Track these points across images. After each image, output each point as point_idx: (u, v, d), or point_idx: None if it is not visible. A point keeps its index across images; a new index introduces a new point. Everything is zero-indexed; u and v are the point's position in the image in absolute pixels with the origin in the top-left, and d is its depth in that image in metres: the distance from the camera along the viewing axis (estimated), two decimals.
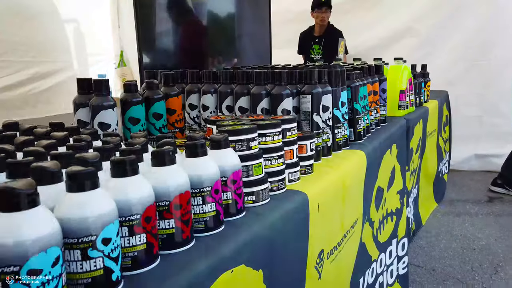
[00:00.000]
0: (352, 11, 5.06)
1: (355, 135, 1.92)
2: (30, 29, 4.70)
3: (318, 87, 1.57)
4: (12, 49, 4.58)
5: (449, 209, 3.58)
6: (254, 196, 1.14)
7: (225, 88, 1.67)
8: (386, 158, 2.11)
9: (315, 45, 4.49)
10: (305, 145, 1.41)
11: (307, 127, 1.58)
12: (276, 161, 1.23)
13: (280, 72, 1.54)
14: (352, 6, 5.04)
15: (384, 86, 2.31)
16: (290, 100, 1.55)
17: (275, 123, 1.23)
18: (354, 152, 1.77)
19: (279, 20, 5.17)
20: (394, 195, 2.28)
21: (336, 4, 4.96)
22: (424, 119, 3.02)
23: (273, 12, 5.31)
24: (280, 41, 4.85)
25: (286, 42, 4.74)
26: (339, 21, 4.62)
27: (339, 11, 4.94)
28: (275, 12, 5.31)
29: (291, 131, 1.32)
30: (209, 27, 3.05)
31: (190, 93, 1.75)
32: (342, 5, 5.03)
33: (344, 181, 1.54)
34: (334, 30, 4.41)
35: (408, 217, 2.62)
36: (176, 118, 1.65)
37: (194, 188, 0.94)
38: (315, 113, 1.57)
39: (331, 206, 1.44)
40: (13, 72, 4.59)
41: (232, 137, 1.12)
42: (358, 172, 1.72)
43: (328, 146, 1.67)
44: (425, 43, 4.75)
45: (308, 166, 1.43)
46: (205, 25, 3.02)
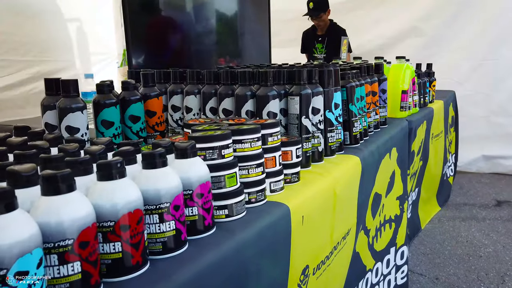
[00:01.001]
0: (356, 10, 4.90)
1: (351, 139, 1.79)
2: (33, 28, 4.63)
3: (307, 88, 1.44)
4: (14, 48, 4.51)
5: (455, 214, 3.42)
6: (227, 210, 1.02)
7: (209, 88, 1.54)
8: (385, 163, 1.97)
9: (318, 44, 4.34)
10: (290, 151, 1.28)
11: (296, 131, 1.44)
12: (255, 170, 1.10)
13: (266, 71, 1.41)
14: (356, 5, 4.89)
15: (384, 87, 2.17)
16: (276, 102, 1.42)
17: (253, 129, 1.10)
18: (348, 157, 1.63)
19: (283, 18, 5.06)
20: (393, 201, 2.14)
21: (340, 3, 4.81)
22: (429, 121, 2.87)
23: (276, 10, 5.19)
24: (284, 40, 4.73)
25: (290, 41, 4.61)
26: (343, 20, 4.47)
27: (343, 10, 4.80)
28: (278, 10, 5.20)
29: (273, 137, 1.19)
30: (206, 26, 2.93)
31: (172, 94, 1.63)
32: (346, 4, 4.88)
33: (335, 189, 1.41)
34: (337, 29, 4.26)
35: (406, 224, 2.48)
36: (156, 120, 1.53)
37: (150, 204, 0.82)
38: (304, 116, 1.43)
39: (318, 217, 1.31)
40: (14, 71, 4.52)
41: (201, 144, 0.99)
42: (352, 179, 1.59)
43: (319, 151, 1.53)
44: (431, 42, 4.58)
45: (294, 174, 1.30)
46: (202, 24, 2.89)
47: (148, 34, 2.41)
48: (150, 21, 2.40)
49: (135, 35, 2.31)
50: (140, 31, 2.37)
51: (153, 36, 2.43)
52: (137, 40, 2.33)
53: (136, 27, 2.31)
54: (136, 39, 2.32)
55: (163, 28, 2.53)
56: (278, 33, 4.99)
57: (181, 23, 2.59)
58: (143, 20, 2.34)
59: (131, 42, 2.27)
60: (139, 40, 2.35)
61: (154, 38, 2.43)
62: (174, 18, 2.59)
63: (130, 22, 2.24)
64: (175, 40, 2.54)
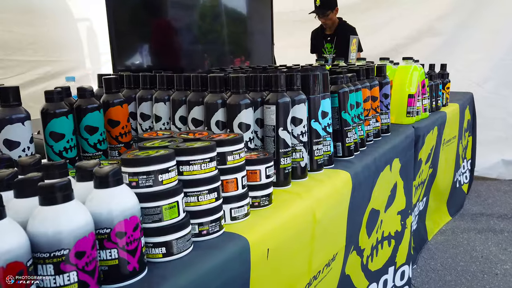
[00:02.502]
0: (370, 9, 4.65)
1: (344, 151, 1.58)
2: (42, 27, 4.54)
3: (285, 96, 1.24)
4: (23, 48, 4.44)
5: (470, 225, 3.16)
6: (165, 248, 0.83)
7: (179, 95, 1.36)
8: (385, 175, 1.76)
9: (327, 44, 4.11)
10: (258, 171, 1.09)
11: (272, 145, 1.25)
12: (206, 196, 0.92)
13: (238, 77, 1.22)
14: (371, 4, 4.63)
15: (386, 91, 1.95)
16: (249, 112, 1.23)
17: (204, 147, 0.91)
18: (336, 173, 1.43)
19: (295, 18, 4.84)
20: (393, 216, 1.92)
21: (353, 3, 4.57)
22: (440, 126, 2.63)
23: (291, 12, 4.99)
24: (299, 41, 4.51)
25: (305, 42, 4.40)
26: (356, 21, 4.21)
27: (356, 10, 4.55)
28: (292, 11, 5.00)
29: (234, 155, 1.00)
30: (200, 25, 2.75)
31: (142, 101, 1.45)
32: (360, 5, 4.63)
33: (315, 213, 1.21)
34: (347, 27, 4.01)
35: (411, 242, 2.25)
36: (120, 131, 1.36)
37: (43, 251, 0.64)
38: (281, 127, 1.24)
39: (291, 247, 1.12)
40: (25, 71, 4.46)
41: (133, 169, 0.81)
42: (340, 198, 1.38)
43: (302, 166, 1.34)
44: (448, 43, 4.29)
45: (264, 197, 1.11)
46: (196, 24, 2.71)
47: (135, 32, 2.24)
48: (137, 18, 2.23)
49: (121, 33, 2.14)
50: (127, 28, 2.20)
51: (140, 34, 2.25)
52: (123, 39, 2.16)
53: (122, 24, 2.14)
54: (122, 37, 2.15)
55: (152, 26, 2.36)
56: (292, 33, 4.79)
57: (173, 22, 2.41)
58: (129, 17, 2.17)
59: (115, 41, 2.10)
60: (126, 39, 2.18)
61: (141, 36, 2.26)
62: (164, 15, 2.41)
63: (114, 17, 2.07)
64: (167, 40, 2.37)
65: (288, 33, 4.58)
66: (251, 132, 1.24)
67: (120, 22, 2.10)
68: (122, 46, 2.14)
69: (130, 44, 2.19)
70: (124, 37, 2.15)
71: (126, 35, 2.16)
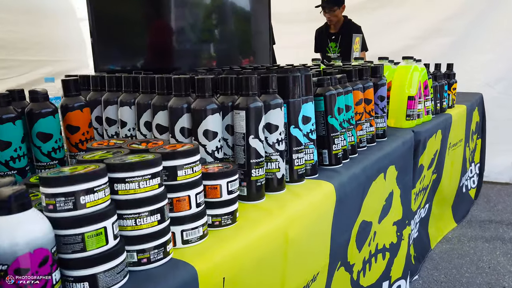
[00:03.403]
0: (379, 9, 4.47)
1: (330, 159, 1.44)
2: (45, 27, 4.47)
3: (257, 100, 1.10)
4: (26, 48, 4.36)
5: (478, 233, 2.97)
6: (88, 283, 0.70)
7: (144, 99, 1.22)
8: (378, 184, 1.61)
9: (332, 43, 3.95)
10: (219, 186, 0.95)
11: (242, 155, 1.11)
12: (147, 219, 0.78)
13: (203, 78, 1.09)
14: (380, 3, 4.45)
15: (382, 93, 1.79)
16: (216, 118, 1.09)
17: (144, 162, 0.77)
18: (319, 185, 1.28)
19: (297, 18, 4.68)
20: (389, 227, 1.77)
21: (362, 2, 4.39)
22: (445, 129, 2.46)
23: (298, 12, 4.82)
24: (304, 41, 4.35)
25: (310, 41, 4.24)
26: (364, 20, 4.05)
27: (366, 9, 4.38)
28: (293, 11, 4.83)
29: (186, 169, 0.86)
30: (192, 25, 2.61)
31: (107, 104, 1.32)
32: (368, 3, 4.45)
33: (287, 232, 1.06)
34: (352, 26, 3.85)
35: (409, 253, 2.09)
36: (80, 137, 1.23)
37: None
38: (252, 135, 1.10)
39: (257, 273, 0.97)
40: (28, 71, 4.38)
41: (48, 189, 0.68)
42: (319, 212, 1.24)
43: (279, 178, 1.19)
44: (458, 42, 4.09)
45: (226, 215, 0.97)
46: (187, 23, 2.58)
47: (119, 30, 2.11)
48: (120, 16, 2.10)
49: (103, 30, 2.02)
50: (110, 25, 2.07)
51: (124, 32, 2.12)
52: (105, 37, 2.04)
53: (104, 20, 2.02)
54: (104, 35, 2.02)
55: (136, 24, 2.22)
56: (299, 33, 4.62)
57: (160, 21, 2.28)
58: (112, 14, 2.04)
59: (96, 38, 1.98)
60: (109, 37, 2.06)
61: (124, 35, 2.13)
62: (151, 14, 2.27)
63: (95, 13, 1.94)
64: (153, 40, 2.24)
65: (290, 33, 4.42)
66: (219, 141, 1.10)
67: (102, 19, 1.98)
68: (103, 44, 2.02)
69: (112, 43, 2.06)
70: (107, 35, 2.02)
71: (109, 33, 2.04)
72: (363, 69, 1.69)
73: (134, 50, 2.16)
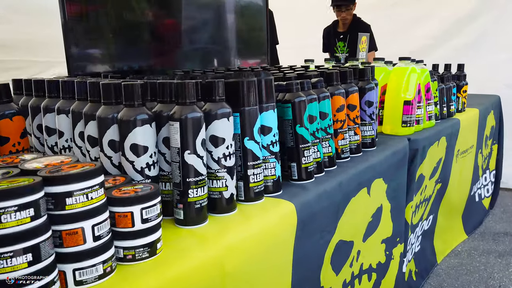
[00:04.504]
0: (395, 7, 4.23)
1: (299, 173, 1.26)
2: (54, 28, 4.41)
3: (195, 110, 0.94)
4: (37, 49, 4.33)
5: (491, 246, 2.72)
6: None
7: (78, 106, 1.07)
8: (360, 201, 1.42)
9: (340, 42, 3.73)
10: (130, 213, 0.79)
11: (177, 172, 0.95)
12: (10, 261, 0.63)
13: (132, 84, 0.93)
14: (394, 3, 4.21)
15: (370, 98, 1.60)
16: (147, 130, 0.93)
17: (8, 191, 0.62)
18: (277, 204, 1.11)
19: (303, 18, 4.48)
20: (375, 246, 1.57)
21: (374, 1, 4.17)
22: (451, 136, 2.23)
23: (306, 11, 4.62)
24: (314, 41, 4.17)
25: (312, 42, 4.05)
26: (376, 21, 3.82)
27: (381, 7, 4.15)
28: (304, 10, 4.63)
29: (79, 196, 0.71)
30: (187, 22, 2.46)
31: (46, 112, 1.18)
32: (380, 3, 4.22)
33: (223, 264, 0.89)
34: (361, 25, 3.62)
35: (403, 271, 1.88)
36: (10, 148, 1.10)
37: None
38: (188, 150, 0.93)
39: None
40: (37, 72, 4.35)
41: None
42: (275, 237, 1.06)
43: (227, 197, 1.03)
44: (477, 42, 3.82)
45: (141, 247, 0.81)
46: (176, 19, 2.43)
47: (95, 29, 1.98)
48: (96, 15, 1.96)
49: (76, 29, 1.89)
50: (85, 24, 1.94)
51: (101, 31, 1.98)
52: (79, 36, 1.91)
53: (78, 19, 1.89)
54: (77, 34, 1.89)
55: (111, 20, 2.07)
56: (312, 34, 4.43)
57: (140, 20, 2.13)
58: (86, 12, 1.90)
59: (69, 36, 1.85)
60: (83, 37, 1.93)
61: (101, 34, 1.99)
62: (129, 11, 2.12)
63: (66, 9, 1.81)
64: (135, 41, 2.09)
65: (296, 32, 4.23)
66: (150, 156, 0.94)
67: (76, 17, 1.85)
68: (78, 44, 1.89)
69: (87, 44, 1.93)
70: (81, 34, 1.89)
71: (84, 32, 1.91)
72: (346, 72, 1.50)
73: (110, 52, 2.02)
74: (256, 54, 2.74)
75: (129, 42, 2.09)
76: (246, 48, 2.72)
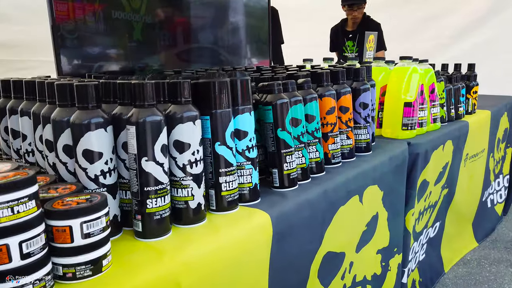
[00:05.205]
0: (406, 6, 4.10)
1: (281, 180, 1.17)
2: None
3: (154, 113, 0.86)
4: (46, 49, 4.32)
5: (503, 255, 2.57)
6: None
7: (39, 108, 1.00)
8: (349, 209, 1.32)
9: (349, 42, 3.61)
10: (68, 228, 0.71)
11: (134, 181, 0.87)
12: None
13: (86, 85, 0.85)
14: (406, 1, 4.08)
15: (365, 99, 1.49)
16: (101, 134, 0.85)
17: None
18: (251, 215, 1.02)
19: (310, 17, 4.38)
20: (370, 256, 1.47)
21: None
22: (458, 139, 2.10)
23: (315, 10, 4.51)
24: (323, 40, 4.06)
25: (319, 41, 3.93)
26: (389, 19, 3.70)
27: (389, 6, 4.02)
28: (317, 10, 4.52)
29: (2, 210, 0.63)
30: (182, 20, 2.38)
31: (11, 113, 1.11)
32: (393, 1, 4.09)
33: (179, 281, 0.81)
34: (371, 23, 3.50)
35: (404, 282, 1.76)
36: None
37: None
38: (146, 157, 0.85)
39: None
40: (47, 72, 4.33)
41: None
42: (245, 251, 0.97)
43: (193, 207, 0.94)
44: (494, 41, 3.66)
45: (83, 265, 0.73)
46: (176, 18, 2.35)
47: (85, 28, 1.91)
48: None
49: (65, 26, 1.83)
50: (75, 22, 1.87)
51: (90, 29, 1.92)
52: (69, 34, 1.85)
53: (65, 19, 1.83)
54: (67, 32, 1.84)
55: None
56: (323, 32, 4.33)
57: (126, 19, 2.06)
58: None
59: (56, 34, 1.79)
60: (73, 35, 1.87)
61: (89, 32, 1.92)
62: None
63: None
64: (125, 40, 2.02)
65: (302, 31, 4.13)
66: (106, 163, 0.86)
67: (64, 16, 1.79)
68: (66, 42, 1.83)
69: (76, 43, 1.87)
70: (70, 34, 1.84)
71: (73, 32, 1.85)
72: (338, 71, 1.40)
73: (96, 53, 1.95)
74: (258, 54, 2.65)
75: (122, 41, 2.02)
76: (248, 47, 2.63)
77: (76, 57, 1.86)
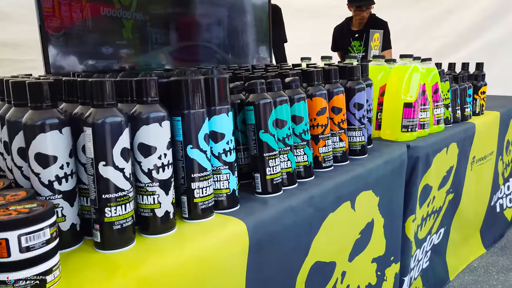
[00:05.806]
0: (416, 4, 3.97)
1: (264, 185, 1.08)
2: None
3: (113, 114, 0.78)
4: None
5: (511, 262, 2.45)
6: None
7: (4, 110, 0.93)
8: (341, 216, 1.22)
9: (355, 42, 3.50)
10: (4, 240, 0.64)
11: (92, 187, 0.79)
12: None
13: (40, 83, 0.78)
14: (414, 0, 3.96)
15: (360, 100, 1.39)
16: (55, 136, 0.77)
17: None
18: (226, 224, 0.93)
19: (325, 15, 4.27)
20: (365, 265, 1.37)
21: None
22: (464, 141, 1.99)
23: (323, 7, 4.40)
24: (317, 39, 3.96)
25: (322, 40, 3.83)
26: (398, 19, 3.58)
27: (399, 5, 3.90)
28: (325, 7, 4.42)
29: None
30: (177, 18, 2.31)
31: None
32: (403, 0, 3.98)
33: None
34: (378, 22, 3.37)
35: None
36: None
37: None
38: (104, 162, 0.77)
39: None
40: None
41: None
42: (214, 265, 0.88)
43: (160, 216, 0.86)
44: (502, 41, 3.52)
45: (22, 281, 0.65)
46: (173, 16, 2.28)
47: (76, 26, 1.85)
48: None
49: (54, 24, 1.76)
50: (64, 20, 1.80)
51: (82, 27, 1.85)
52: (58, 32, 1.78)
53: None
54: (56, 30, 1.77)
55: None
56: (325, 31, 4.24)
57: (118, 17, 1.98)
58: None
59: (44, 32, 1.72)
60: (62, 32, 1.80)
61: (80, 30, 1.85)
62: None
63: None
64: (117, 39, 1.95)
65: (306, 30, 4.03)
66: (61, 167, 0.79)
67: (51, 14, 1.73)
68: (55, 43, 1.77)
69: (62, 40, 1.80)
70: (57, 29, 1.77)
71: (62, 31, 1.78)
72: (330, 70, 1.31)
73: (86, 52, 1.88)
74: (259, 53, 2.56)
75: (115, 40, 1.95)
76: (248, 46, 2.54)
77: (64, 55, 1.79)
